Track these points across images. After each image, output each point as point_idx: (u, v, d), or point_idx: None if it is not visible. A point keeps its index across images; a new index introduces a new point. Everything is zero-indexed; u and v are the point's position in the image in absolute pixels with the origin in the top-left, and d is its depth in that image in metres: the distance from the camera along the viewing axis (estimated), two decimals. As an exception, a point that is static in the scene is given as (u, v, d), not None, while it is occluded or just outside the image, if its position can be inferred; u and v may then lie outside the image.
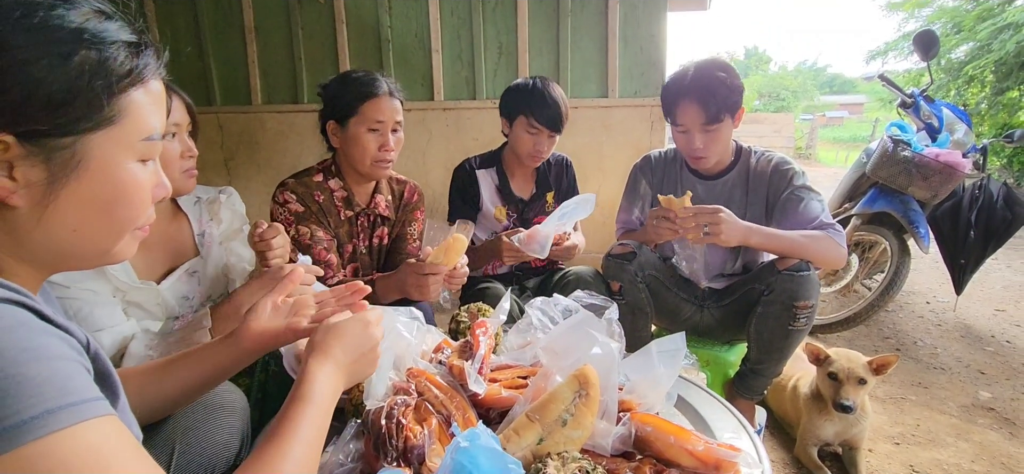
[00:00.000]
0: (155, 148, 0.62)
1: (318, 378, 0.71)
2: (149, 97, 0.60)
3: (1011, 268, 4.24)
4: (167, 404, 0.84)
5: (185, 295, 1.27)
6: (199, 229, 1.34)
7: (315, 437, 0.67)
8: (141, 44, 0.58)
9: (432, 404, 0.88)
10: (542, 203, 2.03)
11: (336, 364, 0.74)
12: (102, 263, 0.63)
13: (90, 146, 0.55)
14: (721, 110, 1.56)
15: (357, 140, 1.49)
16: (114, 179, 0.58)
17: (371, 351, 0.79)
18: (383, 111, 1.49)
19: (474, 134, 3.38)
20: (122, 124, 0.57)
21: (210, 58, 3.58)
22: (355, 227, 1.64)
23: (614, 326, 1.14)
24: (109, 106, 0.55)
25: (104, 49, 0.54)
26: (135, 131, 0.58)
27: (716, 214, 1.48)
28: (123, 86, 0.56)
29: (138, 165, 0.60)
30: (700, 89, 1.56)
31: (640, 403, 0.96)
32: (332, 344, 0.75)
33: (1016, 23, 6.35)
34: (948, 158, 2.47)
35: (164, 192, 0.66)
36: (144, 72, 0.58)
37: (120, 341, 1.05)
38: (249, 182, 3.68)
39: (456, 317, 1.37)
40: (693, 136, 1.62)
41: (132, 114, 0.58)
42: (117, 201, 0.59)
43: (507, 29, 3.27)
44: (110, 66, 0.55)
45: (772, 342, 1.60)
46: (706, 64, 1.61)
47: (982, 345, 2.83)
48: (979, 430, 2.01)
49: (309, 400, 0.69)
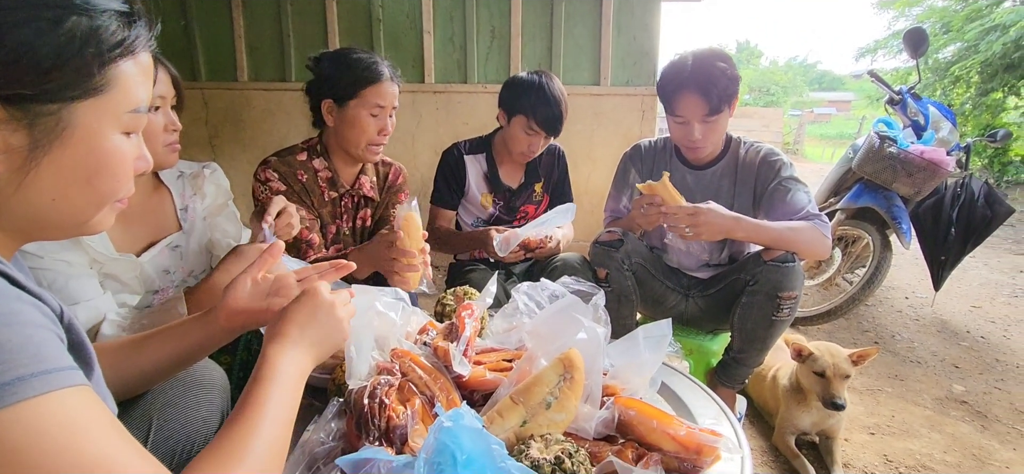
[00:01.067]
0: (141, 121, 0.61)
1: (277, 357, 0.69)
2: (138, 69, 0.59)
3: (988, 266, 4.34)
4: (143, 380, 0.83)
5: (166, 269, 1.25)
6: (182, 204, 1.31)
7: (283, 416, 0.66)
8: (133, 14, 0.57)
9: (416, 385, 0.88)
10: (530, 192, 2.02)
11: (293, 342, 0.72)
12: (78, 233, 0.62)
13: (76, 115, 0.54)
14: (722, 101, 1.56)
15: (356, 122, 1.48)
16: (97, 150, 0.57)
17: (330, 320, 0.76)
18: (385, 96, 1.48)
19: (465, 118, 3.35)
20: (110, 94, 0.56)
21: (195, 32, 3.49)
22: (339, 208, 1.63)
23: (600, 311, 1.15)
24: (98, 75, 0.54)
25: (96, 17, 0.53)
26: (122, 102, 0.57)
27: (696, 216, 1.49)
28: (113, 56, 0.55)
29: (122, 137, 0.59)
30: (702, 80, 1.55)
31: (624, 388, 0.96)
32: (283, 325, 0.73)
33: (1004, 24, 6.43)
34: (932, 155, 2.50)
35: (145, 166, 0.65)
36: (135, 43, 0.57)
37: (95, 316, 1.03)
38: (234, 160, 3.62)
39: (442, 300, 1.37)
40: (692, 127, 1.61)
41: (120, 85, 0.57)
42: (99, 172, 0.58)
43: (500, 13, 3.23)
44: (101, 35, 0.54)
45: (755, 332, 1.62)
46: (706, 54, 1.59)
47: (957, 340, 2.89)
48: (952, 422, 2.06)
49: (271, 379, 0.67)
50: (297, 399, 0.70)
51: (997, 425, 2.06)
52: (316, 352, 0.75)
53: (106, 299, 1.09)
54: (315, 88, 1.53)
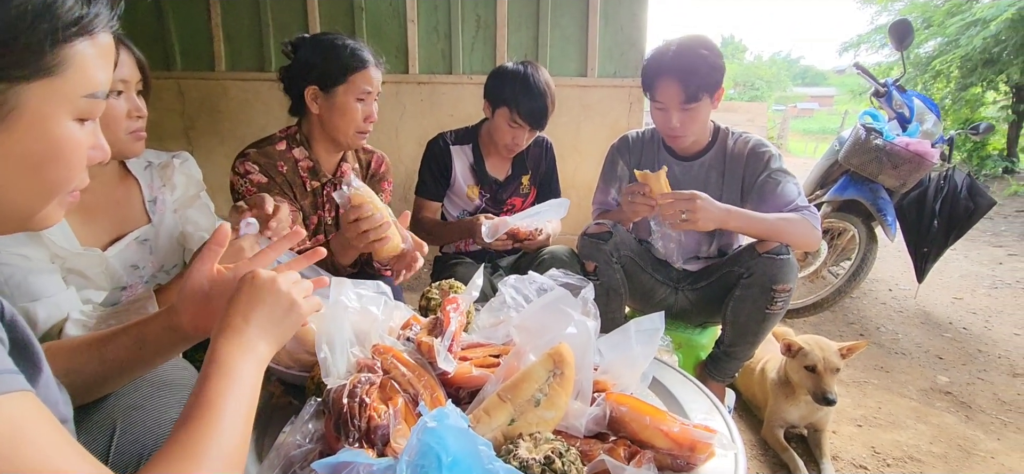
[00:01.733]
0: (97, 107, 0.56)
1: (223, 349, 0.64)
2: (97, 50, 0.54)
3: (968, 258, 4.40)
4: (105, 381, 0.77)
5: (135, 264, 1.19)
6: (150, 195, 1.25)
7: (240, 412, 0.61)
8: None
9: (398, 382, 0.83)
10: (517, 185, 1.98)
11: (238, 331, 0.66)
12: (24, 228, 0.57)
13: (24, 96, 0.49)
14: (700, 89, 1.53)
15: (345, 109, 1.43)
16: (47, 136, 0.52)
17: (276, 300, 0.70)
18: (372, 81, 1.45)
19: (450, 110, 3.29)
20: (64, 76, 0.51)
21: (169, 19, 3.38)
22: (321, 197, 1.57)
23: (590, 305, 1.11)
24: (51, 54, 0.49)
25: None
26: (77, 86, 0.52)
27: (693, 201, 1.46)
28: (69, 35, 0.50)
29: (75, 124, 0.54)
30: (681, 67, 1.53)
31: (615, 383, 0.93)
32: (227, 316, 0.68)
33: (984, 19, 6.52)
34: (918, 147, 2.51)
35: (101, 156, 0.59)
36: (94, 22, 0.53)
37: (58, 313, 0.97)
38: (211, 153, 3.53)
39: (426, 294, 1.33)
40: (671, 114, 1.59)
41: (76, 67, 0.52)
42: (48, 160, 0.53)
43: (486, 2, 3.18)
44: (57, 11, 0.49)
45: (748, 325, 1.60)
46: (689, 41, 1.57)
47: (941, 331, 2.92)
48: (937, 413, 2.07)
49: (221, 374, 0.62)
50: (255, 391, 0.65)
51: (981, 415, 2.08)
52: (270, 336, 0.69)
53: (69, 296, 1.03)
54: (296, 74, 1.47)
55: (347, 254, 1.35)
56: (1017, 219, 5.73)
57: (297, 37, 1.48)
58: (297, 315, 0.72)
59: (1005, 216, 5.85)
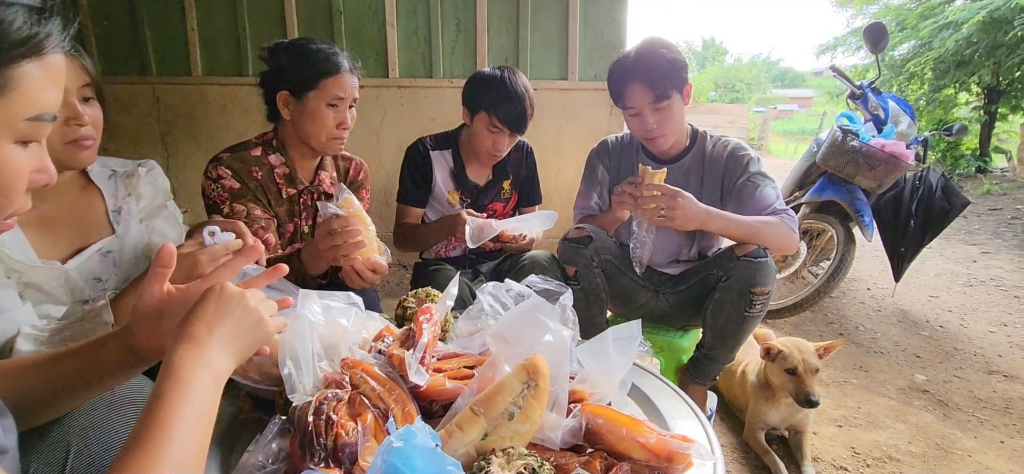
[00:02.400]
0: (43, 130, 0.53)
1: (183, 362, 0.60)
2: (45, 71, 0.51)
3: (944, 257, 4.48)
4: (57, 402, 0.74)
5: (97, 276, 1.14)
6: (114, 205, 1.20)
7: (196, 430, 0.57)
8: (45, 9, 0.49)
9: (368, 397, 0.81)
10: (498, 190, 1.96)
11: (200, 343, 0.62)
12: None
13: None
14: (668, 86, 1.55)
15: (316, 115, 1.40)
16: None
17: (243, 314, 0.67)
18: (344, 87, 1.41)
19: (430, 114, 3.27)
20: (6, 99, 0.48)
21: (144, 25, 3.31)
22: (297, 205, 1.54)
23: (568, 312, 1.09)
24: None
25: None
26: (21, 108, 0.50)
27: (675, 198, 1.46)
28: (14, 55, 0.48)
29: (16, 147, 0.51)
30: (645, 68, 1.55)
31: (593, 393, 0.91)
32: (188, 325, 0.64)
33: (956, 22, 6.68)
34: (893, 149, 2.55)
35: (46, 179, 0.56)
36: (44, 42, 0.50)
37: (10, 328, 0.93)
38: (188, 159, 3.46)
39: (403, 302, 1.30)
40: (645, 117, 1.59)
41: (21, 89, 0.49)
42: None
43: (465, 6, 3.16)
44: (2, 31, 0.46)
45: (728, 328, 1.59)
46: (647, 43, 1.60)
47: (918, 330, 2.96)
48: (915, 412, 2.10)
49: (179, 389, 0.58)
50: (213, 410, 0.62)
51: (958, 414, 2.11)
52: (232, 350, 0.66)
53: (25, 310, 0.98)
54: (270, 79, 1.44)
55: (318, 264, 1.32)
56: (990, 217, 5.86)
57: (275, 43, 1.45)
58: (262, 333, 0.70)
59: (979, 215, 5.98)
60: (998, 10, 6.12)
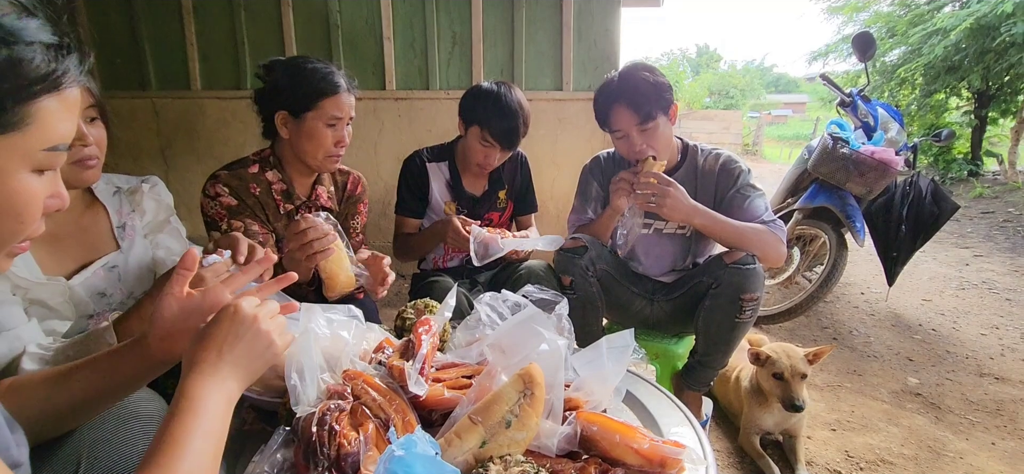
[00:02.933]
0: (58, 159, 0.55)
1: (195, 388, 0.63)
2: (62, 104, 0.53)
3: (936, 260, 4.53)
4: (70, 416, 0.76)
5: (102, 292, 1.17)
6: (119, 221, 1.23)
7: (208, 452, 0.60)
8: (63, 46, 0.51)
9: (369, 408, 0.83)
10: (494, 200, 1.99)
11: (212, 367, 0.65)
12: None
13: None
14: (652, 108, 1.59)
15: (313, 134, 1.42)
16: (4, 189, 0.51)
17: (255, 337, 0.69)
18: (342, 107, 1.43)
19: (427, 125, 3.30)
20: (24, 132, 0.50)
21: (144, 39, 3.34)
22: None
23: (563, 322, 1.12)
24: (12, 111, 0.48)
25: (18, 49, 0.48)
26: (39, 140, 0.51)
27: (667, 187, 1.54)
28: (34, 92, 0.49)
29: (33, 175, 0.53)
30: (628, 91, 1.60)
31: (588, 400, 0.94)
32: (201, 350, 0.67)
33: (944, 29, 6.76)
34: (882, 155, 2.59)
35: (59, 204, 0.58)
36: (62, 78, 0.52)
37: (17, 346, 0.95)
38: (187, 172, 3.48)
39: (402, 313, 1.32)
40: (632, 139, 1.64)
41: (39, 122, 0.51)
42: (2, 214, 0.52)
43: (461, 18, 3.20)
44: (23, 69, 0.48)
45: (719, 334, 1.63)
46: (630, 68, 1.65)
47: (911, 333, 3.00)
48: (908, 415, 2.13)
49: (192, 412, 0.61)
50: (223, 431, 0.64)
51: (950, 416, 2.13)
52: (243, 373, 0.68)
53: (31, 328, 1.01)
54: (267, 98, 1.46)
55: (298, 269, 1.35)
56: (982, 221, 5.92)
57: (271, 60, 1.47)
58: (272, 355, 0.72)
59: (971, 218, 6.04)
60: (985, 17, 6.21)
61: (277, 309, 0.76)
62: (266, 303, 0.75)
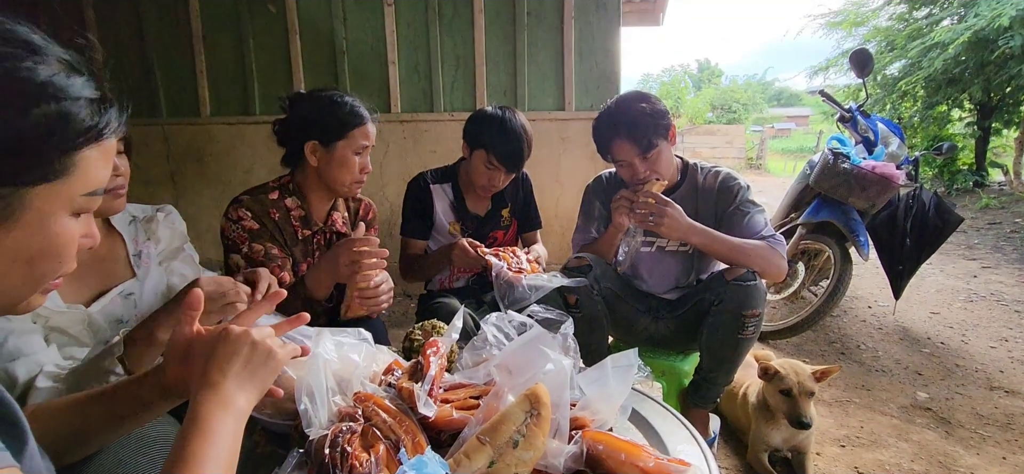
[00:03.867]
0: (95, 202, 0.58)
1: (204, 408, 0.65)
2: (101, 153, 0.56)
3: (944, 272, 4.51)
4: (89, 441, 0.78)
5: (119, 318, 1.19)
6: (135, 249, 1.26)
7: (219, 468, 0.62)
8: (105, 100, 0.55)
9: (380, 429, 0.85)
10: (498, 219, 2.02)
11: (216, 387, 0.67)
12: (5, 313, 0.58)
13: (28, 198, 0.51)
14: (652, 138, 1.63)
15: (344, 162, 1.50)
16: (45, 232, 0.54)
17: (253, 353, 0.71)
18: (369, 136, 1.53)
19: (432, 146, 3.35)
20: (67, 179, 0.53)
21: (155, 68, 3.43)
22: (311, 246, 1.61)
23: (569, 341, 1.14)
24: (59, 161, 0.52)
25: (66, 105, 0.51)
26: (80, 186, 0.55)
27: (664, 207, 1.56)
28: (79, 143, 0.53)
29: (72, 218, 0.57)
30: (627, 125, 1.64)
31: (593, 419, 0.95)
32: (206, 374, 0.69)
33: (942, 43, 6.80)
34: (883, 170, 2.61)
35: (91, 243, 0.62)
36: (104, 130, 0.55)
37: (34, 369, 0.98)
38: (197, 196, 3.53)
39: (410, 335, 1.35)
40: (635, 167, 1.67)
41: (81, 169, 0.54)
42: (43, 254, 0.55)
43: (464, 41, 3.27)
44: (70, 123, 0.52)
45: (723, 350, 1.64)
46: (627, 99, 1.69)
47: (919, 347, 2.98)
48: (917, 430, 2.11)
49: (202, 432, 0.62)
50: (234, 447, 0.66)
51: (960, 431, 2.12)
52: (248, 389, 0.70)
53: (49, 354, 1.03)
54: (293, 128, 1.52)
55: (323, 286, 1.40)
56: (989, 232, 5.90)
57: (295, 94, 1.55)
58: (275, 362, 0.73)
59: (978, 229, 6.02)
60: (982, 31, 6.25)
61: (271, 331, 0.78)
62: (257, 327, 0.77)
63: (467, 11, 3.22)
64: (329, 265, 1.39)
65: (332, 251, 1.40)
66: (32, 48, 0.50)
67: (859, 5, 8.94)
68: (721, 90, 37.86)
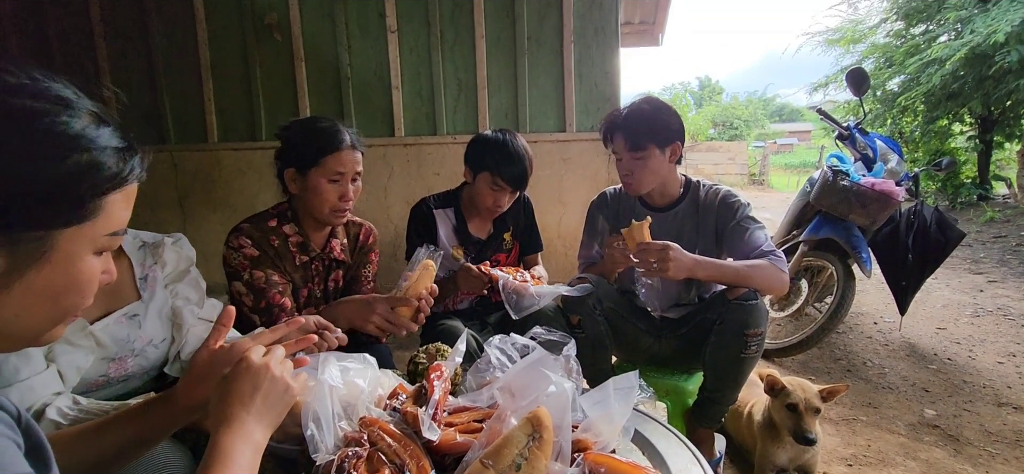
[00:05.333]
0: (117, 241, 0.63)
1: (227, 441, 0.67)
2: (125, 196, 0.61)
3: (950, 287, 4.49)
4: (103, 466, 0.80)
5: (124, 338, 1.22)
6: (141, 273, 1.29)
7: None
8: (130, 148, 0.60)
9: (385, 454, 0.86)
10: (500, 242, 2.04)
11: (240, 421, 0.70)
12: (29, 346, 0.62)
13: (58, 240, 0.55)
14: (643, 138, 1.69)
15: (317, 190, 1.49)
16: (71, 270, 0.58)
17: (271, 385, 0.74)
18: (344, 163, 1.49)
19: (435, 169, 3.39)
20: (94, 221, 0.58)
21: (164, 96, 3.50)
22: (310, 272, 1.62)
23: (571, 363, 1.15)
24: (87, 206, 0.56)
25: (96, 154, 0.56)
26: (104, 227, 0.59)
27: (664, 251, 1.55)
28: (106, 189, 0.58)
29: (95, 256, 0.60)
30: (627, 120, 1.72)
31: (596, 441, 0.96)
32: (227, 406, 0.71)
33: (940, 59, 6.85)
34: (883, 186, 2.63)
35: (109, 279, 0.65)
36: (129, 176, 0.60)
37: (30, 397, 0.99)
38: (205, 221, 3.57)
39: (414, 358, 1.36)
40: (624, 161, 1.74)
41: (106, 212, 0.59)
42: (67, 291, 0.58)
43: (466, 66, 3.33)
44: (99, 171, 0.56)
45: (726, 369, 1.64)
46: (636, 100, 1.78)
47: (926, 363, 2.96)
48: (926, 448, 2.10)
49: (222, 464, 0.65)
50: None
51: (969, 448, 2.10)
52: (266, 422, 0.73)
53: (46, 377, 1.05)
54: (280, 156, 1.55)
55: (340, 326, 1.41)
56: (995, 246, 5.87)
57: (289, 121, 1.57)
58: (290, 398, 0.77)
59: (983, 243, 5.99)
60: (979, 47, 6.29)
61: (283, 354, 0.81)
62: (273, 349, 0.80)
63: (468, 37, 3.29)
64: (354, 313, 1.40)
65: (364, 302, 1.41)
66: (66, 103, 0.55)
67: (857, 23, 9.03)
68: (722, 107, 38.05)
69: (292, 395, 0.77)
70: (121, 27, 3.46)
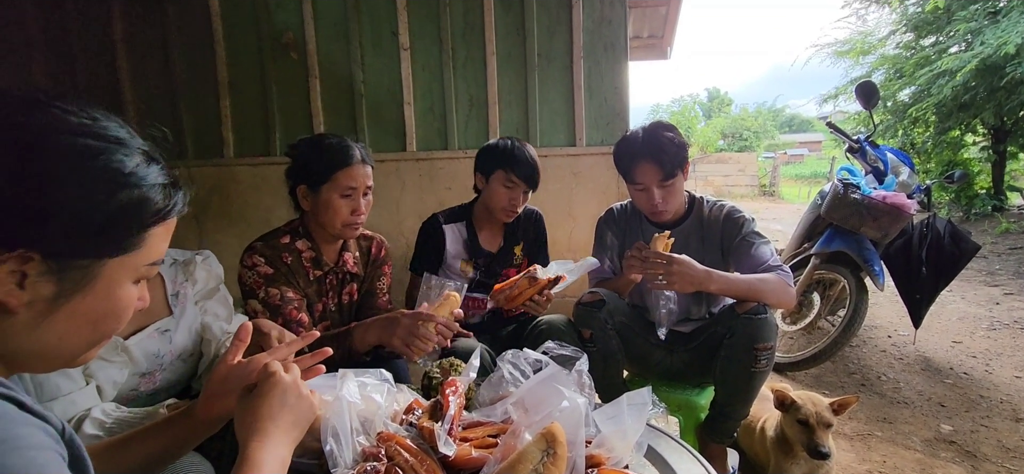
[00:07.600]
0: (155, 270, 0.66)
1: (258, 454, 0.70)
2: (166, 229, 0.65)
3: (965, 299, 4.44)
4: (133, 477, 0.83)
5: (155, 353, 1.26)
6: (173, 290, 1.33)
7: None
8: (174, 185, 0.64)
9: (402, 468, 0.88)
10: (510, 256, 2.07)
11: (269, 436, 0.73)
12: (65, 367, 0.65)
13: (103, 269, 0.59)
14: (674, 167, 1.70)
15: (329, 205, 1.52)
16: (111, 297, 0.61)
17: (298, 401, 0.77)
18: (356, 178, 1.53)
19: (447, 183, 3.43)
20: (137, 252, 0.61)
21: (182, 113, 3.58)
22: (324, 286, 1.65)
23: (584, 378, 1.17)
24: (133, 238, 0.60)
25: (145, 190, 0.60)
26: (145, 257, 0.63)
27: (672, 264, 1.57)
28: (151, 222, 0.61)
29: (133, 284, 0.64)
30: (654, 149, 1.70)
31: (609, 456, 0.97)
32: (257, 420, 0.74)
33: (950, 70, 6.82)
34: (895, 199, 2.62)
35: (143, 305, 0.69)
36: (172, 211, 0.64)
37: (71, 410, 1.03)
38: (221, 235, 3.63)
39: (428, 373, 1.38)
40: (652, 192, 1.73)
41: (148, 244, 0.62)
42: (106, 317, 0.62)
43: (477, 83, 3.37)
44: (147, 205, 0.60)
45: (736, 384, 1.65)
46: (653, 127, 1.76)
47: (941, 377, 2.93)
48: (942, 464, 2.07)
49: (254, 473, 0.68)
50: None
51: (987, 465, 2.08)
52: (292, 437, 0.76)
53: (85, 393, 1.09)
54: (291, 173, 1.58)
55: (368, 344, 1.46)
56: (1011, 257, 5.80)
57: (299, 139, 1.59)
58: (313, 414, 0.81)
59: (999, 254, 5.92)
60: (989, 58, 6.26)
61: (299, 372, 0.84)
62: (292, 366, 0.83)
63: (479, 54, 3.34)
64: (383, 331, 1.43)
65: (392, 319, 1.44)
66: (121, 142, 0.59)
67: (866, 35, 9.01)
68: (731, 118, 37.98)
69: (314, 413, 0.80)
70: (142, 46, 3.56)
